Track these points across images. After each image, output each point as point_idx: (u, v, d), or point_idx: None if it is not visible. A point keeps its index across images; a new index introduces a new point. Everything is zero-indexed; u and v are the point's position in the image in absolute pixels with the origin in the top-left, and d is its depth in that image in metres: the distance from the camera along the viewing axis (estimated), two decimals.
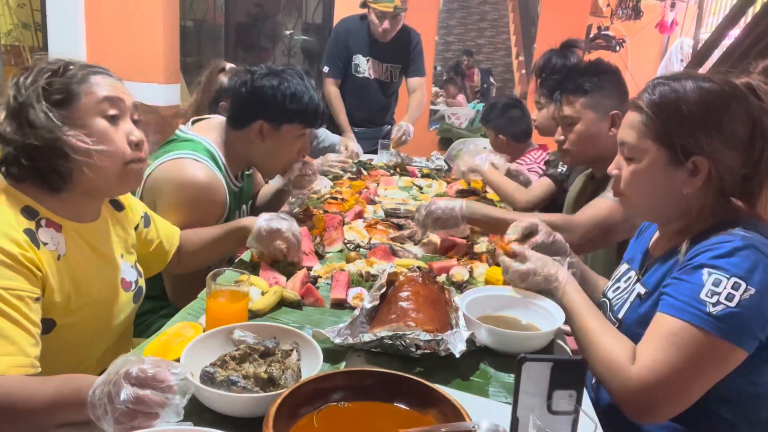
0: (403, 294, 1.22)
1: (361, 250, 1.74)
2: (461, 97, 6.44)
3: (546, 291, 1.30)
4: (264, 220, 1.51)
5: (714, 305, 1.01)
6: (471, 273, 1.53)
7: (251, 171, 1.98)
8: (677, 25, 7.53)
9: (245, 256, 1.64)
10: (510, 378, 1.11)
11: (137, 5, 4.42)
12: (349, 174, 2.70)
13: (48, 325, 1.10)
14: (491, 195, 2.47)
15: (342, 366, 1.10)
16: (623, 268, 1.37)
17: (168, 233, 1.50)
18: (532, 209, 2.31)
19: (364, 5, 3.33)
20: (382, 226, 1.94)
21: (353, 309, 1.32)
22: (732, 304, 1.01)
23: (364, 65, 3.46)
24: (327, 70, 3.46)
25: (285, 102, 1.67)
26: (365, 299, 1.27)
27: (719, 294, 1.02)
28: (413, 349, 1.11)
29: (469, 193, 2.45)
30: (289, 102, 1.67)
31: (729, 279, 1.02)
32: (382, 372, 0.92)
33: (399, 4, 3.21)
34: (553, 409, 0.83)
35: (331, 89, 3.44)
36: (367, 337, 1.12)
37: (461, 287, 1.47)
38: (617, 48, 6.78)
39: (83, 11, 4.46)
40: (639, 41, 7.01)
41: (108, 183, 1.17)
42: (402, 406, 0.89)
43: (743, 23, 3.69)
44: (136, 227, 1.39)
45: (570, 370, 0.84)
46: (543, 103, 2.51)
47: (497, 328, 1.17)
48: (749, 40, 3.16)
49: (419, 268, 1.47)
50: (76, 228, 1.18)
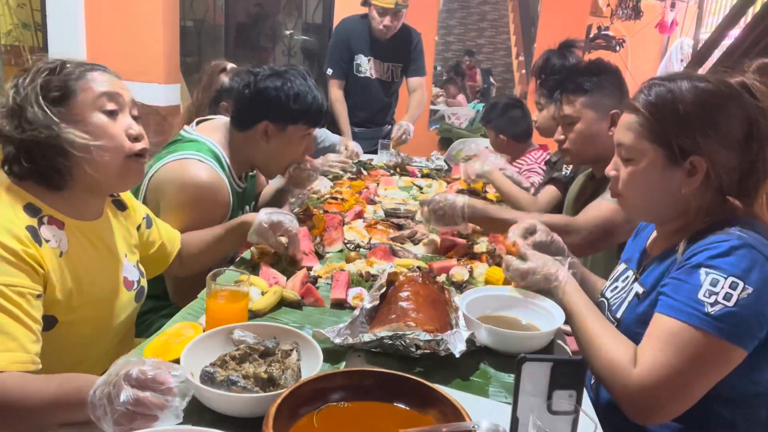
0: (403, 294, 1.22)
1: (361, 250, 1.74)
2: (461, 97, 6.44)
3: (546, 291, 1.30)
4: (265, 213, 1.52)
5: (712, 305, 1.01)
6: (471, 273, 1.53)
7: (254, 172, 1.98)
8: (677, 25, 7.53)
9: (245, 255, 1.64)
10: (510, 378, 1.11)
11: (137, 5, 4.42)
12: (349, 174, 2.70)
13: (49, 322, 1.11)
14: (491, 195, 2.47)
15: (342, 366, 1.10)
16: (621, 267, 1.37)
17: (170, 236, 1.50)
18: None
19: (365, 3, 3.33)
20: (382, 226, 1.94)
21: (353, 309, 1.32)
22: (730, 303, 1.01)
23: (365, 65, 3.45)
24: (330, 72, 3.44)
25: (289, 102, 1.68)
26: (365, 299, 1.27)
27: (717, 294, 1.02)
28: (413, 349, 1.11)
29: (469, 194, 2.45)
30: (293, 102, 1.68)
31: (726, 278, 1.02)
32: (382, 372, 0.92)
33: (400, 0, 3.20)
34: (553, 409, 0.83)
35: (335, 92, 3.42)
36: (367, 337, 1.12)
37: (461, 287, 1.47)
38: (617, 48, 6.78)
39: (83, 11, 4.46)
40: (639, 41, 7.01)
41: (109, 178, 1.18)
42: (402, 406, 0.89)
43: (743, 23, 3.69)
44: (138, 227, 1.39)
45: (570, 370, 0.84)
46: (543, 104, 2.51)
47: (497, 328, 1.17)
48: (749, 40, 3.16)
49: (419, 268, 1.47)
50: (78, 226, 1.18)
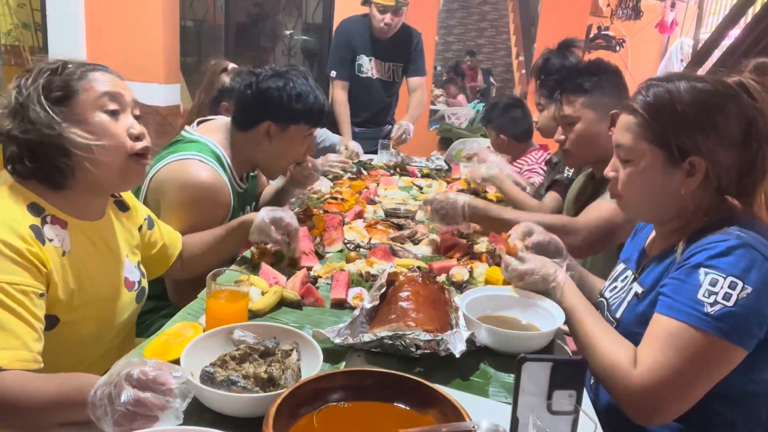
0: (403, 294, 1.22)
1: (361, 250, 1.74)
2: (461, 98, 6.44)
3: (544, 292, 1.30)
4: (266, 210, 1.53)
5: (712, 305, 1.01)
6: (471, 273, 1.53)
7: (256, 172, 1.98)
8: (677, 25, 7.53)
9: (245, 254, 1.64)
10: (510, 378, 1.11)
11: (137, 5, 4.42)
12: (349, 174, 2.70)
13: (51, 322, 1.11)
14: (491, 195, 2.47)
15: (342, 366, 1.10)
16: (620, 267, 1.37)
17: (171, 237, 1.51)
18: None
19: (365, 3, 3.32)
20: (382, 226, 1.94)
21: (353, 309, 1.32)
22: (729, 303, 1.01)
23: (367, 65, 3.45)
24: (334, 74, 3.42)
25: (291, 103, 1.69)
26: (365, 299, 1.27)
27: (716, 294, 1.02)
28: (413, 349, 1.11)
29: (470, 193, 2.45)
30: (296, 102, 1.69)
31: (726, 278, 1.02)
32: (382, 372, 0.92)
33: None
34: (553, 409, 0.83)
35: (339, 94, 3.40)
36: (367, 337, 1.12)
37: (461, 287, 1.47)
38: (617, 48, 6.77)
39: (83, 11, 4.46)
40: (639, 41, 7.01)
41: (111, 178, 1.18)
42: (402, 406, 0.89)
43: (743, 23, 3.69)
44: (140, 228, 1.40)
45: (570, 370, 0.84)
46: (544, 105, 2.50)
47: (497, 328, 1.17)
48: (749, 40, 3.16)
49: (419, 268, 1.47)
50: (80, 225, 1.18)
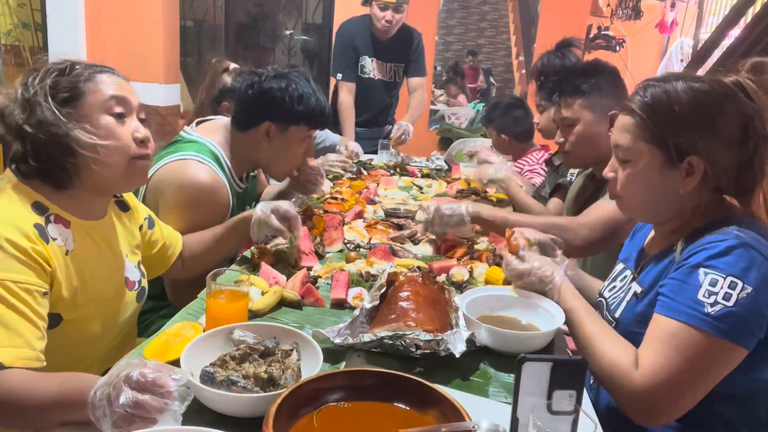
0: (403, 294, 1.22)
1: (361, 250, 1.74)
2: (462, 98, 6.44)
3: (543, 292, 1.30)
4: (262, 203, 1.54)
5: (712, 305, 1.02)
6: (471, 273, 1.53)
7: (256, 172, 1.99)
8: (677, 25, 7.52)
9: (245, 254, 1.64)
10: (510, 378, 1.11)
11: (137, 5, 4.42)
12: (349, 174, 2.71)
13: (55, 320, 1.11)
14: (492, 195, 2.47)
15: (342, 366, 1.10)
16: (619, 267, 1.37)
17: (171, 237, 1.51)
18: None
19: (366, 3, 3.32)
20: (382, 226, 1.94)
21: (353, 309, 1.32)
22: (729, 303, 1.01)
23: (369, 66, 3.45)
24: (341, 76, 3.41)
25: (293, 104, 1.70)
26: (365, 299, 1.27)
27: (716, 294, 1.02)
28: (413, 349, 1.11)
29: (470, 193, 2.45)
30: (297, 104, 1.70)
31: (725, 278, 1.02)
32: (382, 372, 0.92)
33: None
34: (553, 409, 0.83)
35: (346, 98, 3.38)
36: (367, 337, 1.12)
37: (461, 287, 1.47)
38: (617, 48, 6.77)
39: (83, 11, 4.45)
40: (639, 41, 7.00)
41: (114, 178, 1.19)
42: (402, 406, 0.89)
43: (743, 23, 3.68)
44: (140, 228, 1.40)
45: (570, 370, 0.84)
46: (544, 106, 2.50)
47: (497, 328, 1.17)
48: (749, 40, 3.15)
49: (419, 268, 1.47)
50: (83, 225, 1.19)
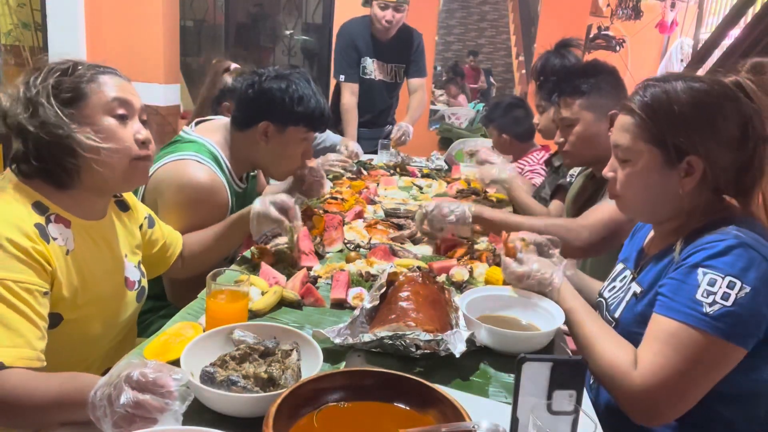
0: (403, 294, 1.22)
1: (361, 250, 1.74)
2: (462, 98, 6.44)
3: (542, 293, 1.30)
4: (260, 198, 1.54)
5: (710, 305, 1.02)
6: (471, 273, 1.53)
7: (256, 172, 1.98)
8: (677, 25, 7.52)
9: (245, 255, 1.64)
10: (510, 378, 1.11)
11: (137, 5, 4.42)
12: (349, 174, 2.71)
13: (55, 320, 1.11)
14: (492, 195, 2.47)
15: (342, 366, 1.10)
16: (618, 267, 1.37)
17: (172, 236, 1.52)
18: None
19: (366, 3, 3.32)
20: (382, 226, 1.94)
21: (353, 309, 1.32)
22: (728, 303, 1.01)
23: (370, 67, 3.45)
24: (343, 78, 3.41)
25: (292, 104, 1.69)
26: (365, 299, 1.27)
27: (715, 294, 1.02)
28: (413, 349, 1.11)
29: (470, 193, 2.45)
30: (296, 105, 1.70)
31: (724, 278, 1.02)
32: (382, 372, 0.92)
33: None
34: (553, 409, 0.83)
35: (348, 99, 3.38)
36: (367, 337, 1.12)
37: (461, 287, 1.47)
38: (617, 48, 6.77)
39: (83, 11, 4.45)
40: (639, 41, 7.00)
41: (115, 179, 1.19)
42: (402, 406, 0.89)
43: (743, 23, 3.68)
44: (140, 227, 1.40)
45: (570, 370, 0.84)
46: (544, 106, 2.50)
47: (497, 328, 1.17)
48: (749, 40, 3.15)
49: (419, 268, 1.47)
50: (83, 225, 1.19)
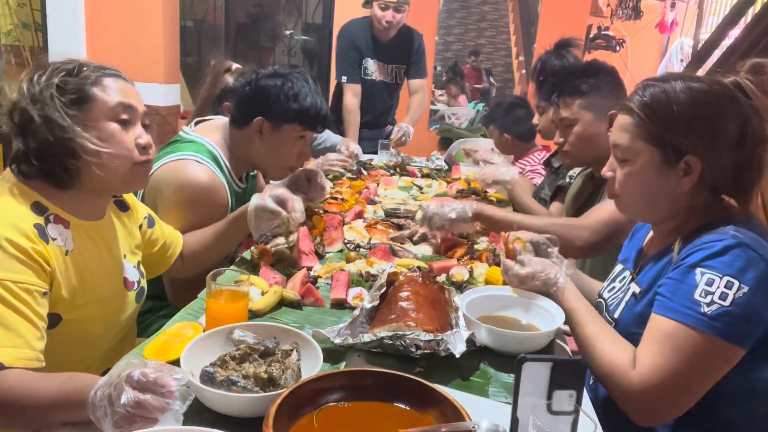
0: (403, 294, 1.22)
1: (361, 250, 1.74)
2: (462, 98, 6.44)
3: (545, 293, 1.30)
4: (256, 195, 1.52)
5: (708, 305, 1.02)
6: (471, 273, 1.53)
7: (255, 172, 1.98)
8: (677, 25, 7.52)
9: (245, 255, 1.64)
10: (510, 378, 1.11)
11: (137, 5, 4.41)
12: (349, 174, 2.70)
13: (54, 320, 1.11)
14: (492, 195, 2.47)
15: (342, 366, 1.10)
16: (618, 268, 1.38)
17: (172, 236, 1.52)
18: None
19: (366, 4, 3.33)
20: (382, 226, 1.94)
21: (353, 309, 1.32)
22: (726, 303, 1.01)
23: (371, 67, 3.46)
24: (345, 79, 3.40)
25: (287, 101, 1.68)
26: (365, 299, 1.27)
27: (713, 293, 1.02)
28: (413, 349, 1.11)
29: (470, 193, 2.45)
30: (292, 102, 1.68)
31: (722, 278, 1.03)
32: (382, 372, 0.92)
33: None
34: (553, 409, 0.83)
35: (351, 100, 3.38)
36: (367, 337, 1.12)
37: (461, 287, 1.47)
38: (617, 48, 6.77)
39: (83, 11, 4.45)
40: (639, 41, 7.00)
41: (115, 182, 1.20)
42: (402, 406, 0.89)
43: (743, 23, 3.68)
44: (140, 227, 1.40)
45: (570, 370, 0.84)
46: (543, 107, 2.50)
47: (497, 328, 1.17)
48: (749, 40, 3.15)
49: (419, 268, 1.47)
50: (82, 225, 1.19)
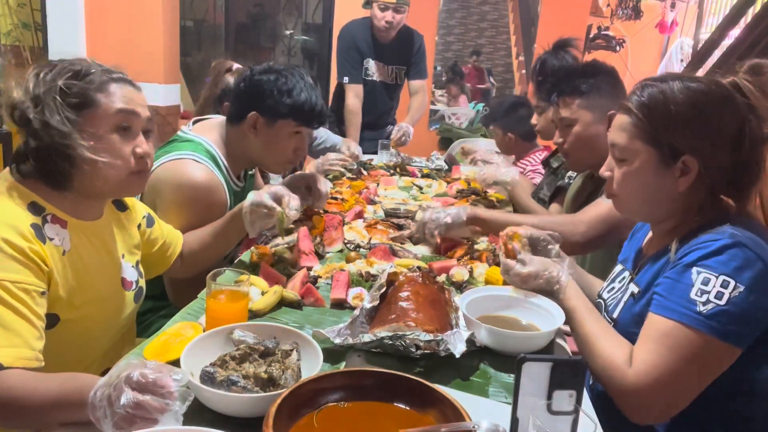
0: (403, 294, 1.22)
1: (361, 250, 1.74)
2: (462, 98, 6.44)
3: (546, 293, 1.30)
4: (251, 192, 1.51)
5: (704, 304, 1.02)
6: (471, 273, 1.53)
7: (254, 171, 1.98)
8: (677, 25, 7.53)
9: (245, 256, 1.64)
10: (510, 378, 1.11)
11: (137, 5, 4.42)
12: (349, 174, 2.70)
13: (52, 320, 1.11)
14: (492, 195, 2.47)
15: (342, 366, 1.10)
16: (618, 268, 1.38)
17: (172, 235, 1.51)
18: None
19: (366, 5, 3.33)
20: (382, 226, 1.94)
21: (353, 309, 1.32)
22: (721, 302, 1.01)
23: (372, 68, 3.46)
24: (347, 79, 3.41)
25: (282, 97, 1.67)
26: (365, 299, 1.27)
27: (709, 293, 1.02)
28: (413, 349, 1.11)
29: (470, 193, 2.45)
30: (285, 97, 1.67)
31: (718, 277, 1.03)
32: (382, 372, 0.92)
33: None
34: (553, 409, 0.83)
35: (352, 101, 3.38)
36: (367, 337, 1.12)
37: (461, 287, 1.47)
38: (617, 48, 6.78)
39: (83, 11, 4.45)
40: (639, 41, 7.00)
41: (110, 188, 1.20)
42: (402, 406, 0.89)
43: (743, 23, 3.68)
44: (138, 226, 1.40)
45: (570, 370, 0.84)
46: (543, 107, 2.50)
47: (497, 328, 1.17)
48: (749, 40, 3.15)
49: (419, 268, 1.47)
50: (80, 225, 1.19)
